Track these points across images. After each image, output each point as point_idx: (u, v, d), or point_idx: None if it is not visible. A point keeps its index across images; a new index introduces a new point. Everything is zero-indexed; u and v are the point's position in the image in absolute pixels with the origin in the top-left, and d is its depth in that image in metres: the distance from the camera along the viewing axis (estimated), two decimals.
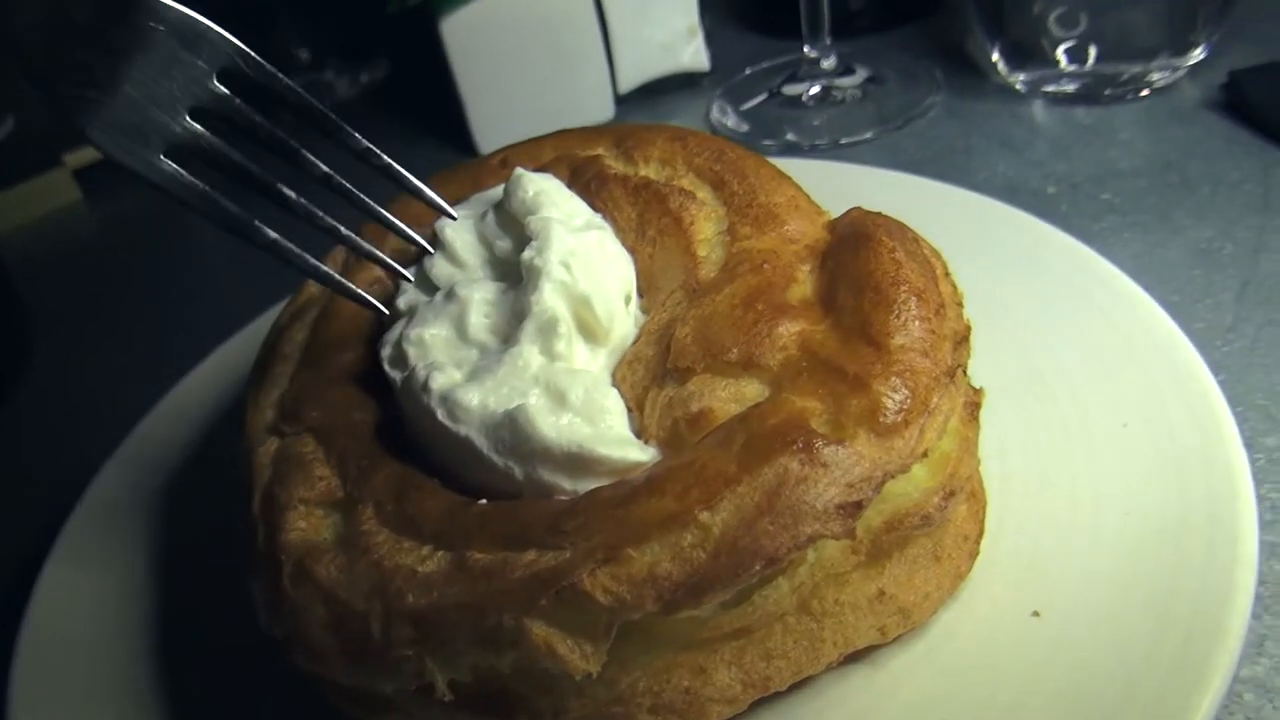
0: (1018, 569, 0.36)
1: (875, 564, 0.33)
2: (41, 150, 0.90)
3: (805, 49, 0.74)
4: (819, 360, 0.33)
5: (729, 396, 0.34)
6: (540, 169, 0.44)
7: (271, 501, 0.36)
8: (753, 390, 0.34)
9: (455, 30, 0.73)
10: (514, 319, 0.37)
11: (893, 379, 0.32)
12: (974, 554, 0.35)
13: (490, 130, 0.77)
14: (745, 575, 0.29)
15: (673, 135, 0.45)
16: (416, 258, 0.43)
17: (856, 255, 0.36)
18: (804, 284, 0.37)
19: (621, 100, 0.80)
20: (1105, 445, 0.39)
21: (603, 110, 0.79)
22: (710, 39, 0.81)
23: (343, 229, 0.39)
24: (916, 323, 0.33)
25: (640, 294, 0.40)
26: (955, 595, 0.35)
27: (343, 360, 0.42)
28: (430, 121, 0.86)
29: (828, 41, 0.73)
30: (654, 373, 0.36)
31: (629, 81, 0.81)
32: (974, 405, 0.35)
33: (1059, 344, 0.44)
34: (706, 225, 0.40)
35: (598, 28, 0.76)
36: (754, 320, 0.35)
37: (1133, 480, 0.38)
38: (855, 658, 0.34)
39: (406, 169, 0.40)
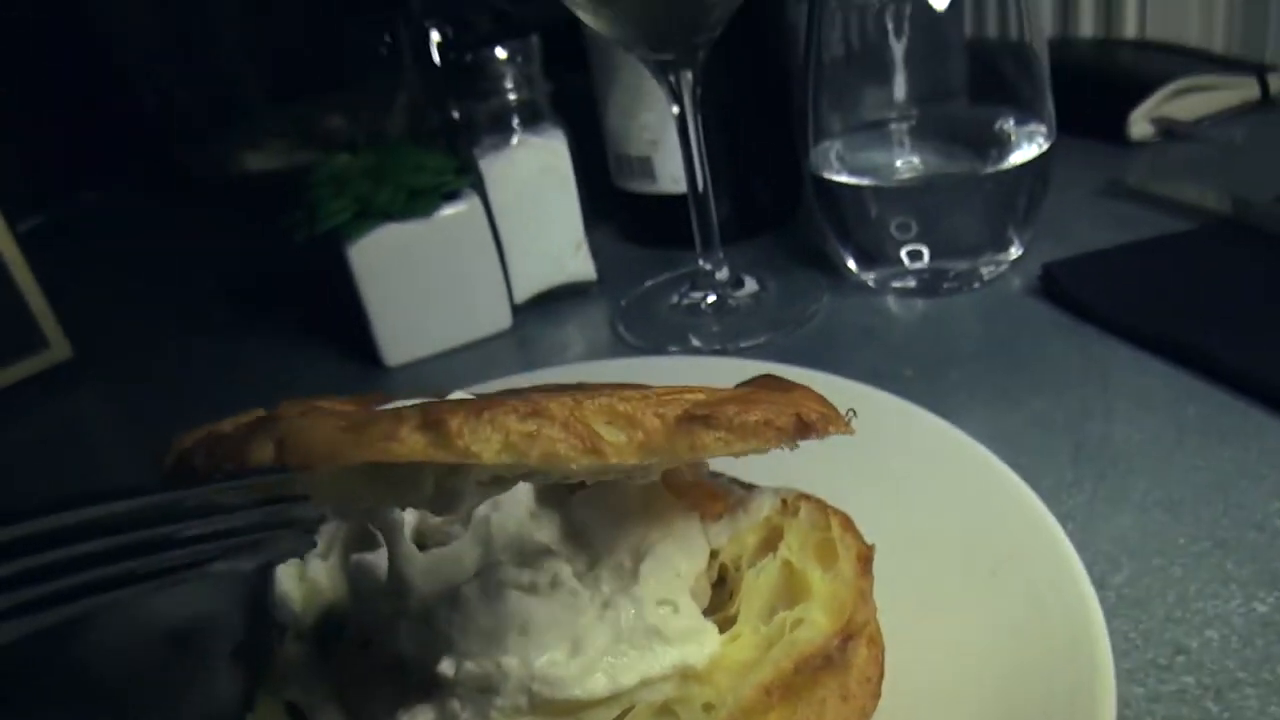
0: (918, 707, 0.40)
1: (787, 703, 0.37)
2: None
3: (700, 262, 0.82)
4: None
5: None
6: None
7: None
8: None
9: (361, 254, 0.79)
10: None
11: None
12: (877, 694, 0.39)
13: (396, 343, 0.82)
14: None
15: None
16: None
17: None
18: None
19: (518, 310, 0.87)
20: (979, 591, 0.45)
21: (501, 320, 0.85)
22: (596, 252, 0.90)
23: None
24: None
25: None
26: None
27: None
28: (336, 336, 0.90)
29: (720, 255, 0.82)
30: None
31: (524, 293, 0.88)
32: (866, 559, 0.40)
33: (930, 508, 0.50)
34: None
35: (493, 246, 0.83)
36: None
37: (1004, 621, 0.43)
38: None
39: (315, 385, 0.44)
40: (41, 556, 0.29)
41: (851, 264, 0.82)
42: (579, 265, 0.89)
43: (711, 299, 0.83)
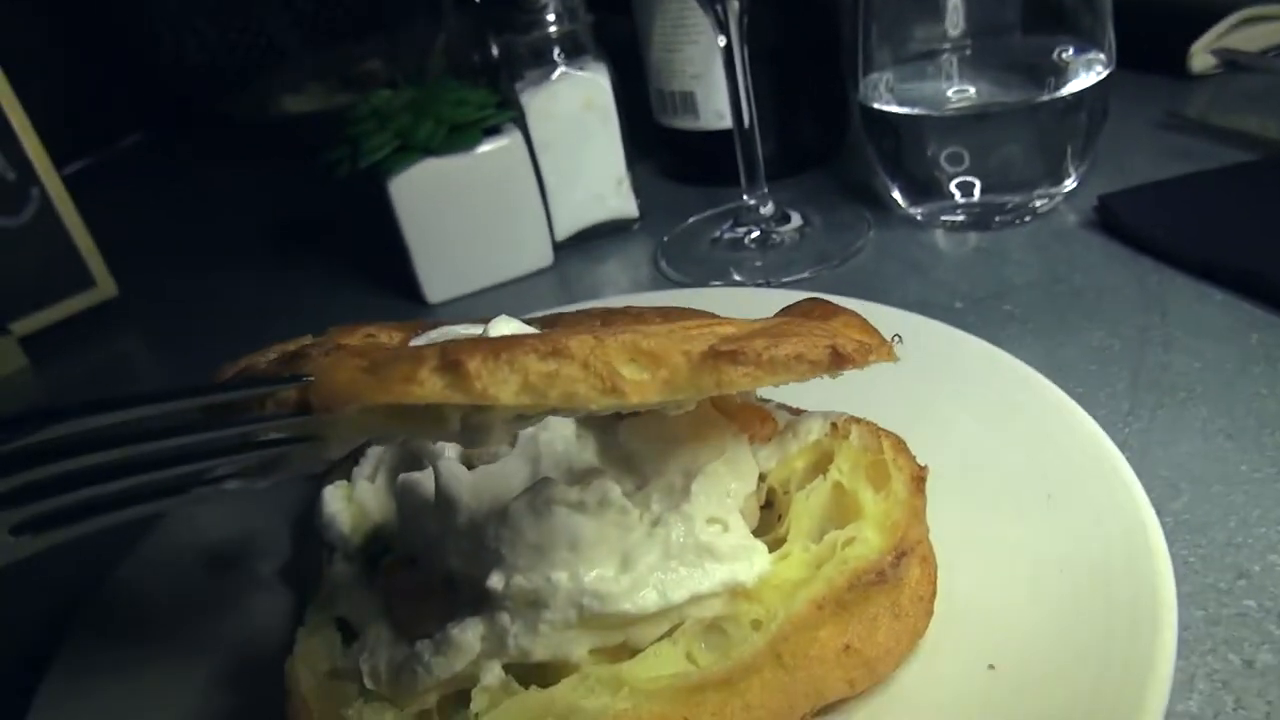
0: (971, 626, 0.39)
1: (839, 619, 0.36)
2: None
3: (744, 198, 0.81)
4: None
5: None
6: None
7: None
8: None
9: (402, 189, 0.79)
10: None
11: None
12: (929, 612, 0.39)
13: (437, 280, 0.82)
14: None
15: None
16: None
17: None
18: None
19: (560, 247, 0.86)
20: (1035, 515, 0.44)
21: (542, 258, 0.85)
22: (637, 190, 0.88)
23: None
24: None
25: None
26: (916, 651, 0.38)
27: None
28: (378, 274, 0.90)
29: (764, 190, 0.80)
30: None
31: (565, 230, 0.87)
32: (919, 479, 0.40)
33: (983, 433, 0.49)
34: None
35: (535, 182, 0.82)
36: None
37: (1062, 544, 0.42)
38: (827, 710, 0.37)
39: (358, 315, 0.44)
40: (54, 468, 0.29)
41: (899, 198, 0.80)
42: (620, 202, 0.88)
43: (755, 234, 0.82)
